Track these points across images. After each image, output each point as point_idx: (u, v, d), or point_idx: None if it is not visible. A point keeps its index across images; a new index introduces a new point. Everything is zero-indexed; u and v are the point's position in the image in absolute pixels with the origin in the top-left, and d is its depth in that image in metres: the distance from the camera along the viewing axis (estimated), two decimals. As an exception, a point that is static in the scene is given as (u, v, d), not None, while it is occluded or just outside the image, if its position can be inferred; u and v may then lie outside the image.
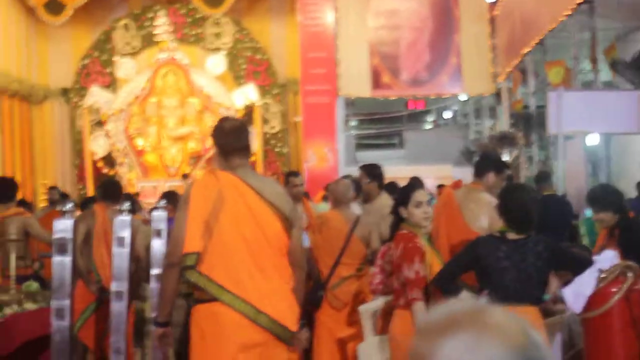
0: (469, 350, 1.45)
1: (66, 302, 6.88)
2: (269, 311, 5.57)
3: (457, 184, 8.60)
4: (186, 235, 5.54)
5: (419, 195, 6.64)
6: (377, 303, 7.45)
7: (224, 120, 6.09)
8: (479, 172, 8.18)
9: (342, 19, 25.45)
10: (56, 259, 6.85)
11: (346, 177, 9.85)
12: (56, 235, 6.85)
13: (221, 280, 5.54)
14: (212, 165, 25.16)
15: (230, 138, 5.80)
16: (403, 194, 6.77)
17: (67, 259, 6.82)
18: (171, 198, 11.16)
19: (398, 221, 6.73)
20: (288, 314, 5.69)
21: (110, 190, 9.84)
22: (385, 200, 9.67)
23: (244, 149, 5.85)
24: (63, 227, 6.84)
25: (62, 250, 6.79)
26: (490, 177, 8.02)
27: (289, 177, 10.85)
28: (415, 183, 8.94)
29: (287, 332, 5.65)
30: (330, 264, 8.83)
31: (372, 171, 9.85)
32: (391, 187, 13.53)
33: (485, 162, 8.37)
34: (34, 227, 10.23)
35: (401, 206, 6.64)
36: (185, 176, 23.73)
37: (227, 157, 5.81)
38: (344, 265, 8.80)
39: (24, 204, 14.20)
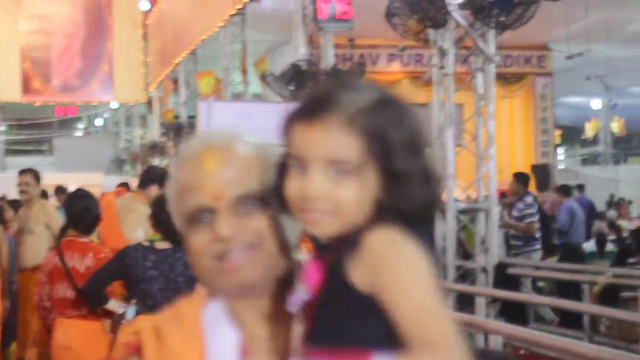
0: None
1: None
2: None
3: (119, 192, 8.65)
4: None
5: None
6: None
7: None
8: (143, 184, 8.17)
9: (-8, 21, 24.83)
10: None
11: None
12: None
13: None
14: None
15: None
16: None
17: None
18: None
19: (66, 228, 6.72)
20: None
21: None
22: (45, 205, 9.63)
23: None
24: None
25: None
26: (154, 189, 7.97)
27: None
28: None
29: None
30: None
31: (37, 175, 9.69)
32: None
33: (149, 174, 8.38)
34: None
35: None
36: None
37: None
38: None
39: None
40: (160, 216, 5.84)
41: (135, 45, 26.13)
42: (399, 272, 1.65)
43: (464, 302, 10.33)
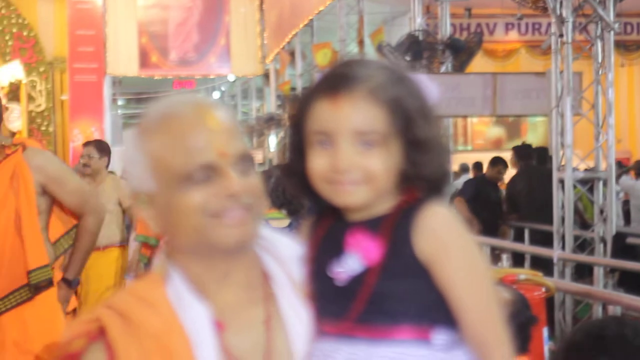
0: None
1: None
2: None
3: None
4: None
5: None
6: None
7: None
8: None
9: (111, -3, 25.26)
10: None
11: None
12: None
13: None
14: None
15: None
16: None
17: None
18: None
19: None
20: None
21: None
22: (118, 180, 9.38)
23: None
24: None
25: None
26: None
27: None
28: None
29: None
30: None
31: (102, 146, 9.34)
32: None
33: None
34: None
35: None
36: None
37: None
38: None
39: None
40: (276, 192, 5.71)
41: (252, 18, 26.32)
42: (463, 267, 1.80)
43: (582, 272, 10.24)
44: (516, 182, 12.54)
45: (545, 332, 4.99)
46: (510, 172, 13.32)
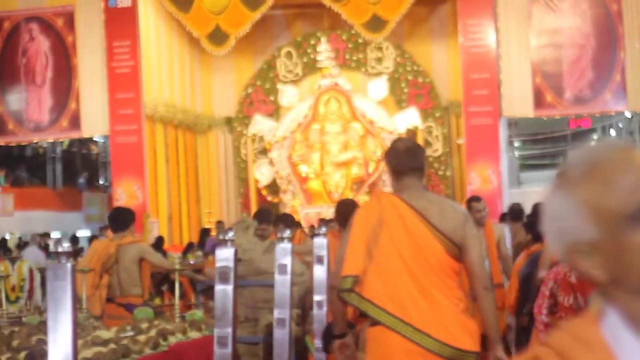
0: None
1: (228, 330, 6.79)
2: (432, 332, 5.42)
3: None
4: (345, 257, 5.61)
5: None
6: None
7: (397, 140, 6.07)
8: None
9: (503, 40, 25.27)
10: (219, 288, 6.78)
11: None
12: (219, 264, 6.79)
13: (382, 303, 5.51)
14: (377, 188, 25.27)
15: (403, 158, 5.70)
16: None
17: (229, 288, 6.75)
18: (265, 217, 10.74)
19: None
20: (457, 333, 5.48)
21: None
22: None
23: (417, 170, 5.71)
24: (225, 255, 6.79)
25: (224, 279, 6.75)
26: None
27: (471, 202, 10.67)
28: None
29: (460, 353, 5.45)
30: None
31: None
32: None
33: None
34: (151, 254, 10.36)
35: None
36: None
37: (399, 177, 5.72)
38: None
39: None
40: None
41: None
42: None
43: None
44: None
45: None
46: None
